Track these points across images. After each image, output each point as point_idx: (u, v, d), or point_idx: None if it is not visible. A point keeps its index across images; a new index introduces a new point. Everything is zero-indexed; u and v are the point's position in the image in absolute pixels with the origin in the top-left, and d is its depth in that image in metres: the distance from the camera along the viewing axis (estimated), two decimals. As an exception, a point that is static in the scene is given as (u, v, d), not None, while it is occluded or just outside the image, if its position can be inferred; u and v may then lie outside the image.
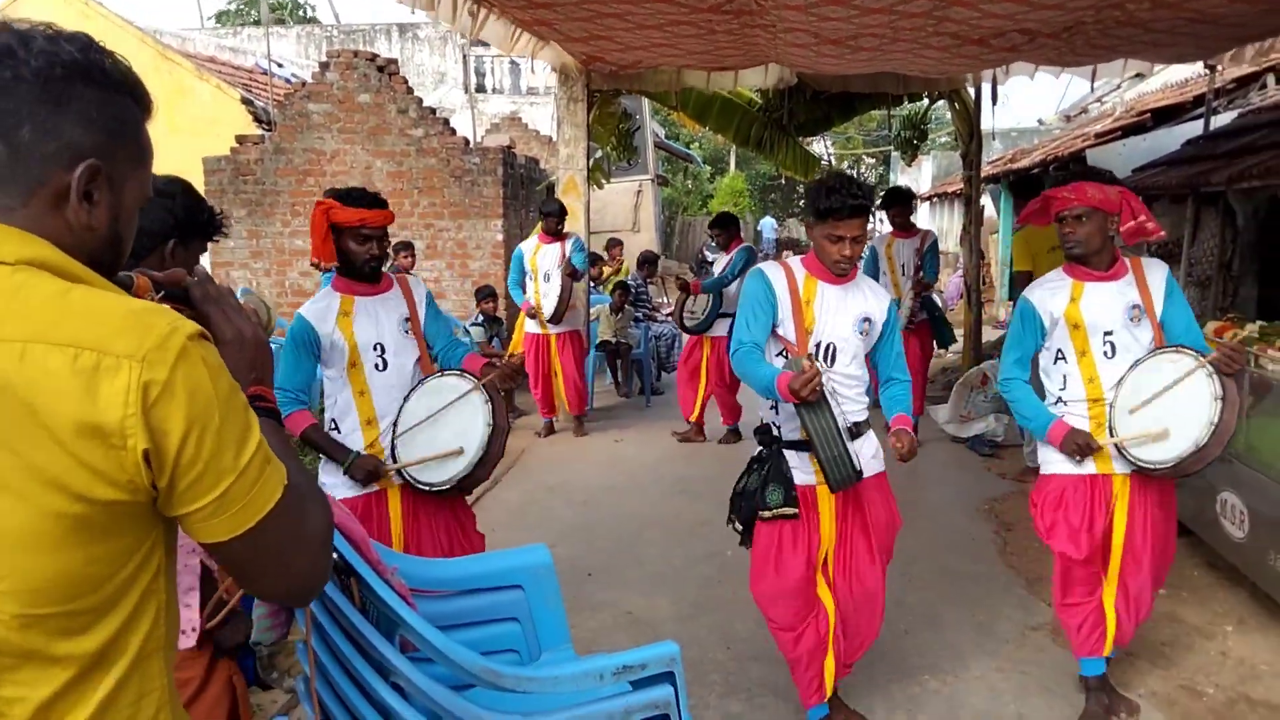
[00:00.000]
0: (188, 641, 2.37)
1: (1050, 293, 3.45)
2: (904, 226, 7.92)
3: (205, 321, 1.33)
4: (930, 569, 5.11)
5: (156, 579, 1.19)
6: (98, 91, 1.20)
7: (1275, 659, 4.04)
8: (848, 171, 9.86)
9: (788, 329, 3.23)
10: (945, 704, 3.74)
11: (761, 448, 3.36)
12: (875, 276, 7.45)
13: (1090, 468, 3.42)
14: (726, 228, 8.01)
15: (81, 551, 1.09)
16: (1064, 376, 3.46)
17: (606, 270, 11.95)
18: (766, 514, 3.23)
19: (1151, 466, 3.28)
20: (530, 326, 8.12)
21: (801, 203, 38.82)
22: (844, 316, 3.24)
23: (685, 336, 8.25)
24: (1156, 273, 3.43)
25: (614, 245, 12.26)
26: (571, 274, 7.78)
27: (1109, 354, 3.36)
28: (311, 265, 3.43)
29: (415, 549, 3.45)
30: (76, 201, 1.18)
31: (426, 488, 3.46)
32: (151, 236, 2.34)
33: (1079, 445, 3.33)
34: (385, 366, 3.51)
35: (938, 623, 4.48)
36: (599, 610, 4.66)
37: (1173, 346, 3.30)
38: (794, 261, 3.33)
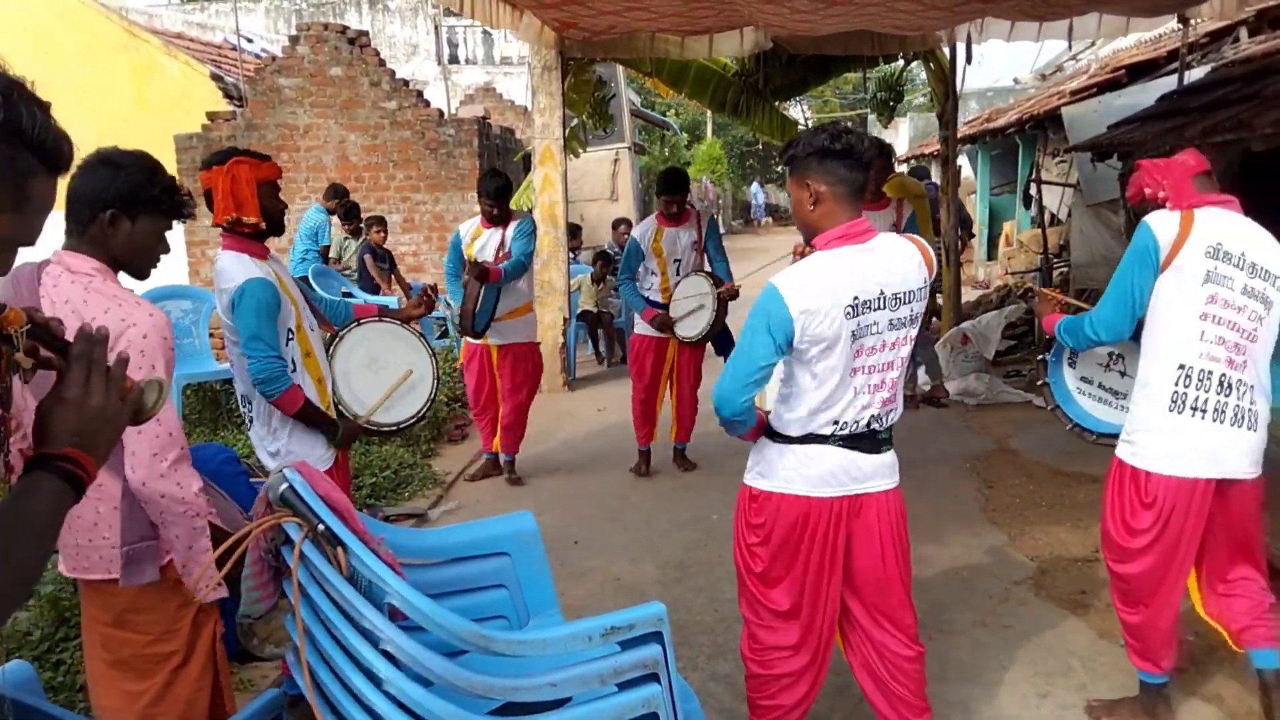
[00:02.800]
0: (220, 592, 2.40)
1: None
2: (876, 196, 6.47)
3: (61, 373, 1.37)
4: (913, 528, 5.13)
5: None
6: None
7: (1253, 605, 4.10)
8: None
9: None
10: (931, 659, 3.74)
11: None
12: None
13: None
14: (680, 191, 6.22)
15: None
16: None
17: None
18: None
19: None
20: (643, 328, 6.29)
21: (780, 168, 38.80)
22: None
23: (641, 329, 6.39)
24: None
25: (620, 224, 12.01)
26: (480, 275, 5.53)
27: None
28: (225, 224, 3.27)
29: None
30: None
31: (394, 427, 3.64)
32: (88, 204, 2.33)
33: None
34: (314, 327, 3.55)
35: (921, 581, 4.52)
36: (586, 577, 4.69)
37: None
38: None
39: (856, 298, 2.52)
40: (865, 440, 2.67)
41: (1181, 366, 2.99)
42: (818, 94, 30.97)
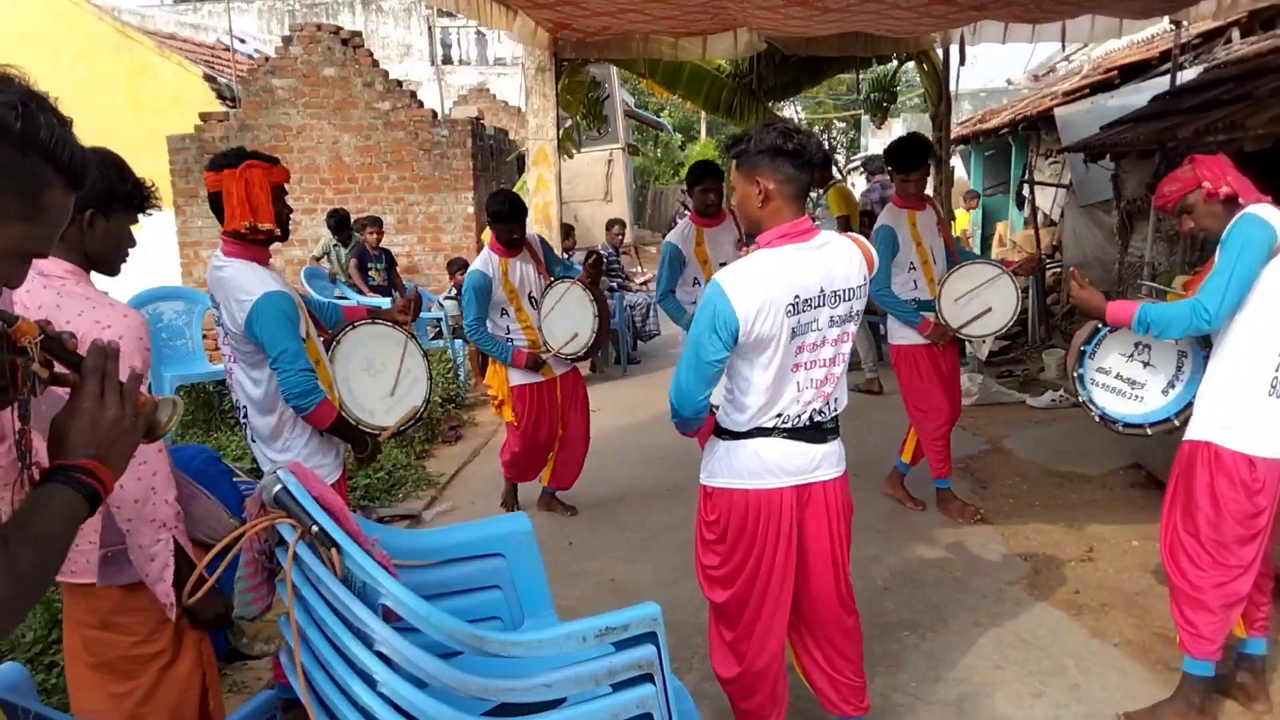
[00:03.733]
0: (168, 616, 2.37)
1: None
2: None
3: (76, 385, 1.37)
4: (907, 528, 5.16)
5: None
6: None
7: (1246, 605, 4.11)
8: (817, 134, 9.58)
9: None
10: (924, 659, 3.80)
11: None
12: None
13: None
14: (718, 176, 5.52)
15: None
16: None
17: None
18: None
19: None
20: (521, 377, 5.35)
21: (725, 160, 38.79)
22: None
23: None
24: None
25: (614, 224, 11.98)
26: (594, 276, 5.49)
27: None
28: (245, 230, 3.15)
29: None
30: None
31: (394, 430, 3.65)
32: None
33: None
34: (315, 334, 3.48)
35: (916, 580, 4.54)
36: (581, 579, 4.68)
37: None
38: None
39: (797, 296, 2.59)
40: (809, 431, 2.75)
41: None
42: (812, 95, 31.01)
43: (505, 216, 5.19)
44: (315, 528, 2.09)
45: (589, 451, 5.68)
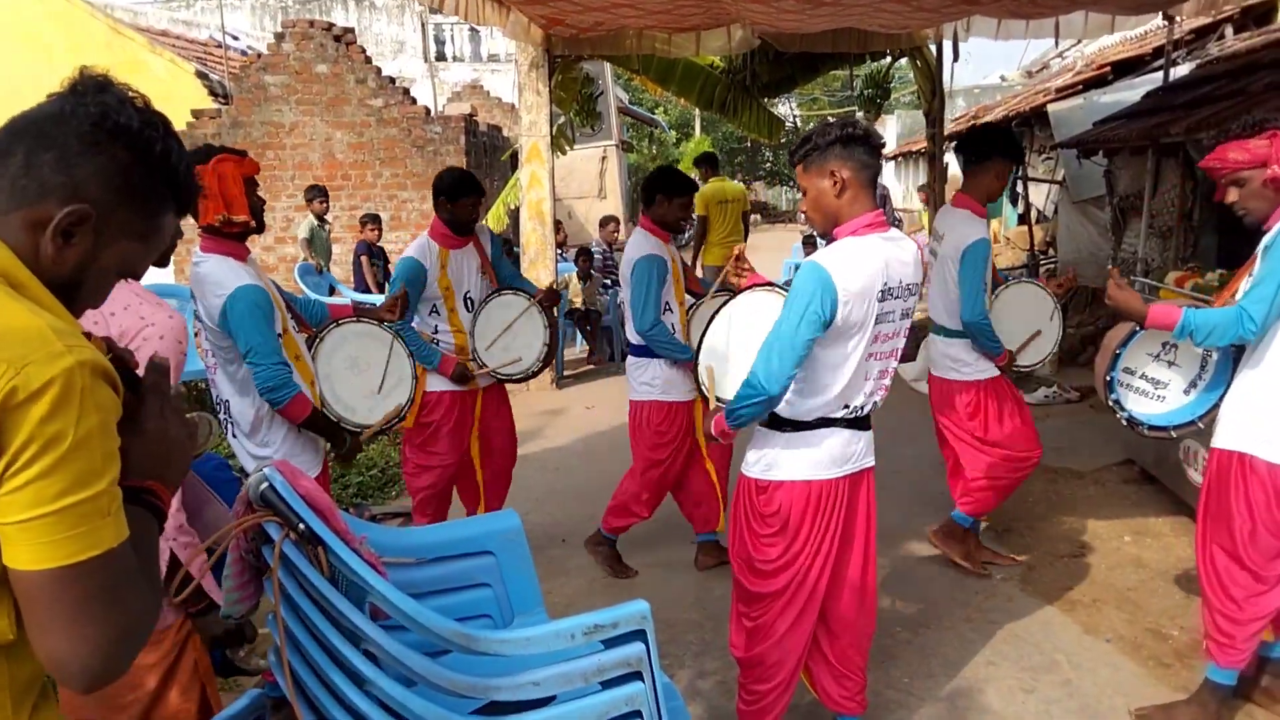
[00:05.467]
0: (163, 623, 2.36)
1: None
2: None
3: (137, 405, 1.36)
4: (901, 524, 5.16)
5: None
6: (133, 158, 1.31)
7: (1238, 600, 4.12)
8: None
9: None
10: (917, 654, 3.79)
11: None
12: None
13: None
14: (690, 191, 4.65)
15: None
16: None
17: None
18: None
19: None
20: (440, 384, 4.50)
21: (767, 165, 38.77)
22: None
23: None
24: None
25: (609, 221, 11.89)
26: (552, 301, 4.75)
27: None
28: (218, 223, 3.12)
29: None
30: (51, 233, 1.25)
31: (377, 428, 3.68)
32: None
33: None
34: (296, 329, 3.45)
35: (909, 576, 4.54)
36: (574, 575, 4.68)
37: None
38: None
39: (886, 284, 2.65)
40: (862, 420, 2.82)
41: None
42: (806, 91, 31.00)
43: (468, 189, 4.40)
44: (302, 526, 2.08)
45: (583, 449, 5.66)
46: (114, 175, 1.29)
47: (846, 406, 2.75)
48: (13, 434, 1.11)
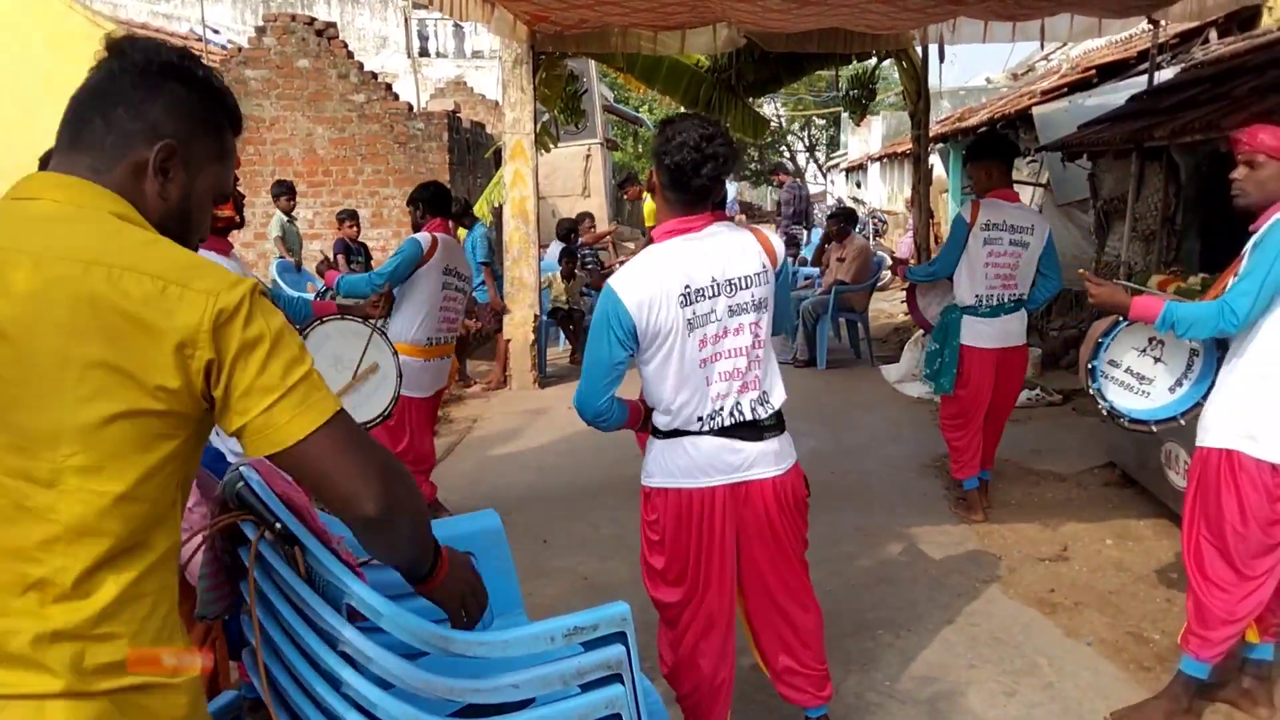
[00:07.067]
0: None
1: None
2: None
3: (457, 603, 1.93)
4: (882, 527, 5.16)
5: (179, 489, 1.42)
6: (186, 90, 1.46)
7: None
8: (797, 133, 9.45)
9: None
10: (898, 657, 3.78)
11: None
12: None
13: None
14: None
15: (153, 454, 1.33)
16: None
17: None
18: None
19: None
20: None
21: (753, 165, 38.78)
22: None
23: None
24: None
25: (584, 217, 11.85)
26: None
27: None
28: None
29: None
30: (152, 173, 1.43)
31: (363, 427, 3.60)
32: None
33: None
34: None
35: (890, 578, 4.53)
36: (556, 576, 4.65)
37: None
38: None
39: (689, 285, 2.60)
40: (743, 428, 2.72)
41: None
42: (791, 91, 31.01)
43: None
44: (278, 525, 2.04)
45: (565, 450, 5.63)
46: (179, 108, 1.44)
47: (699, 418, 2.68)
48: (228, 345, 1.33)
